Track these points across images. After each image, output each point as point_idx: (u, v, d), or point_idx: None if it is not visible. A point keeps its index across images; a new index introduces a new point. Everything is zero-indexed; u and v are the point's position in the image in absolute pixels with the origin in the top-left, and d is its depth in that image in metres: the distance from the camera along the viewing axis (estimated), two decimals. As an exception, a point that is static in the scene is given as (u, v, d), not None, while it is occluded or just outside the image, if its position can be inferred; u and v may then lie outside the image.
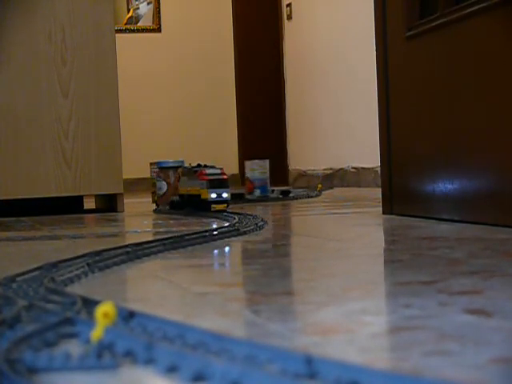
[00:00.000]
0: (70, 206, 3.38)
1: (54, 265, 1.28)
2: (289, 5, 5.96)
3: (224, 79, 6.63)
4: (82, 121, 3.14)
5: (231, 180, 4.26)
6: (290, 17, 5.97)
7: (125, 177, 3.38)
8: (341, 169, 5.10)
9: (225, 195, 2.55)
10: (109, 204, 3.32)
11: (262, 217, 2.21)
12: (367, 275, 1.19)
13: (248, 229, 1.90)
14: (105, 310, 0.70)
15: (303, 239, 1.84)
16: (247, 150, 6.40)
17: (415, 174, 2.17)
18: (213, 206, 2.53)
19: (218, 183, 2.55)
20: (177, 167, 2.99)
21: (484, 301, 0.90)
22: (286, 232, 2.06)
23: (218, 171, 2.60)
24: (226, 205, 2.56)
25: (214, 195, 2.53)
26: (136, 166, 5.92)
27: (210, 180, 2.55)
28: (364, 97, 4.62)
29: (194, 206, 2.66)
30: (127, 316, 0.81)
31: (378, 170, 2.63)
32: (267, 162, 3.84)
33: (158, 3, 6.55)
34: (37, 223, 2.65)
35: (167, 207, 2.96)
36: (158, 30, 6.57)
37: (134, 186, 5.94)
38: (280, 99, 6.23)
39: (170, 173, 3.04)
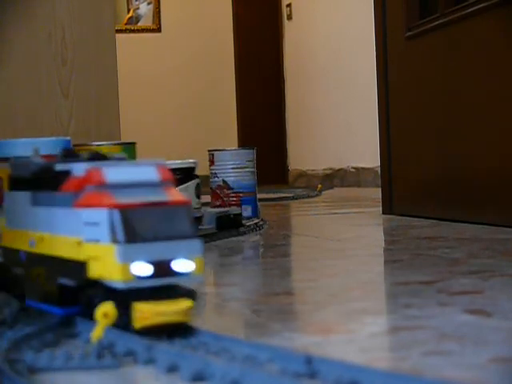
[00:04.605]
0: (70, 205, 3.38)
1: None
2: (289, 5, 5.96)
3: (224, 79, 6.63)
4: (82, 121, 3.14)
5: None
6: (290, 17, 5.97)
7: (125, 177, 3.38)
8: (341, 169, 5.09)
9: None
10: (109, 204, 3.32)
11: (262, 217, 2.21)
12: (367, 275, 1.19)
13: (248, 229, 1.90)
14: (105, 310, 0.70)
15: (303, 239, 1.84)
16: (247, 150, 6.40)
17: (415, 174, 2.17)
18: None
19: None
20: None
21: (484, 301, 0.90)
22: (286, 232, 2.06)
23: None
24: None
25: None
26: (136, 165, 5.92)
27: None
28: (364, 97, 4.62)
29: None
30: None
31: (378, 170, 2.63)
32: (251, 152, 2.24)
33: (158, 3, 6.55)
34: (37, 223, 2.64)
35: None
36: (158, 30, 6.57)
37: (134, 185, 5.94)
38: (280, 99, 6.23)
39: None
